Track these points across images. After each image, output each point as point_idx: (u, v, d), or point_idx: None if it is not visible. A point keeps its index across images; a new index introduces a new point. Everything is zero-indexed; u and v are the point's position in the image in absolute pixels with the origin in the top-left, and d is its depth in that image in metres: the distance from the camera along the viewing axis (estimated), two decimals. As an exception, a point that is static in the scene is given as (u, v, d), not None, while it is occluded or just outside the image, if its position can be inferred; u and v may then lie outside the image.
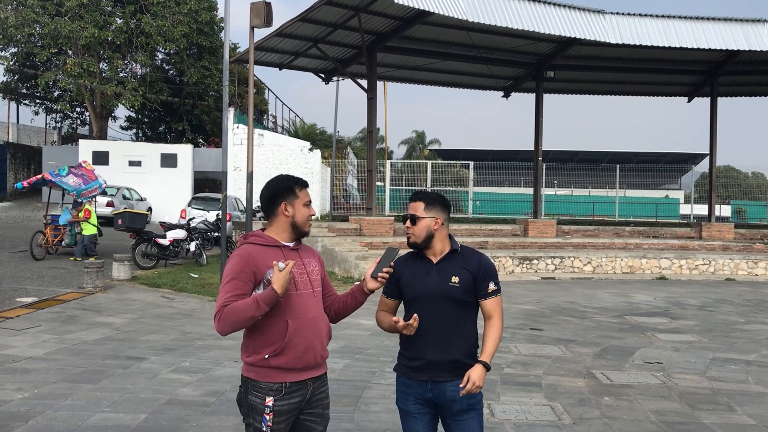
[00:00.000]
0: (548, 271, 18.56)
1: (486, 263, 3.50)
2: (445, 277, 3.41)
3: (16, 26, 28.79)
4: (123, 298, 11.97)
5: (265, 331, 3.16)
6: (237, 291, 3.10)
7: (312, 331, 3.21)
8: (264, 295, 3.04)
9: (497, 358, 8.32)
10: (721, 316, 12.51)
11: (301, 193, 3.28)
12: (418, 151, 53.57)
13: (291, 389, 3.17)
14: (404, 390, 3.48)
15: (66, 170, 17.09)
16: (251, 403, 3.18)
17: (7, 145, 32.86)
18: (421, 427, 3.44)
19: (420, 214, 3.46)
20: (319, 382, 3.32)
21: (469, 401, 3.38)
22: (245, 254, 3.18)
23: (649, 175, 55.19)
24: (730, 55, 20.65)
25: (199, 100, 34.71)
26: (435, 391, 3.39)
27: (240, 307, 3.04)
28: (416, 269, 3.48)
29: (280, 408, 3.15)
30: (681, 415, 6.31)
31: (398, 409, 3.54)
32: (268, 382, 3.16)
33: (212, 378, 7.08)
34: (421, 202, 3.49)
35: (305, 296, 3.22)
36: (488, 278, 3.46)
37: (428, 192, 3.67)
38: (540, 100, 21.76)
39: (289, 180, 3.30)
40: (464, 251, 3.53)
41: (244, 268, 3.14)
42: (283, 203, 3.25)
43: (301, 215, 3.26)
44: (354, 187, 34.04)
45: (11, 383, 6.57)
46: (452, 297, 3.39)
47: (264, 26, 13.08)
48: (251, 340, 3.21)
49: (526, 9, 16.86)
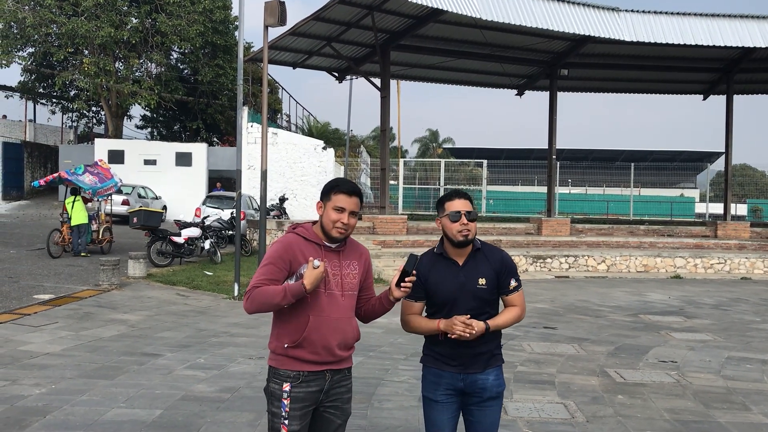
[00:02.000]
0: (562, 270, 18.49)
1: (507, 260, 3.59)
2: (472, 279, 3.49)
3: (33, 26, 29.07)
4: (138, 295, 12.08)
5: (288, 322, 3.27)
6: (270, 275, 3.22)
7: (332, 331, 3.27)
8: (293, 287, 3.14)
9: (510, 356, 8.32)
10: (737, 315, 12.42)
11: (335, 197, 3.29)
12: (432, 150, 53.55)
13: (308, 378, 3.26)
14: (435, 380, 3.54)
15: (82, 169, 17.25)
16: (271, 390, 3.30)
17: (24, 144, 33.21)
18: (446, 417, 3.53)
19: (474, 212, 3.55)
20: (340, 375, 3.36)
21: (498, 389, 3.54)
22: (287, 243, 3.29)
23: (664, 174, 54.86)
24: (746, 53, 20.47)
25: (214, 99, 34.89)
26: (467, 381, 3.50)
27: (269, 292, 3.16)
28: (442, 272, 3.52)
29: (297, 394, 3.24)
30: (695, 414, 6.28)
31: (423, 398, 3.60)
32: (287, 369, 3.26)
33: (227, 375, 7.14)
34: (469, 200, 3.56)
35: (333, 297, 3.28)
36: (510, 275, 3.55)
37: (465, 190, 3.73)
38: (554, 98, 21.66)
39: (335, 182, 3.37)
40: (485, 248, 3.59)
41: (282, 255, 3.25)
42: (320, 202, 3.36)
43: (327, 218, 3.29)
44: (367, 185, 34.08)
45: (29, 379, 6.66)
46: (480, 298, 3.48)
47: (278, 25, 13.12)
48: (276, 328, 3.34)
49: (540, 7, 16.81)
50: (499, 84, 24.04)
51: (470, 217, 3.48)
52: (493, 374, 3.53)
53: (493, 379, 3.52)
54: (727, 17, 18.33)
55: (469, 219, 3.48)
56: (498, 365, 3.57)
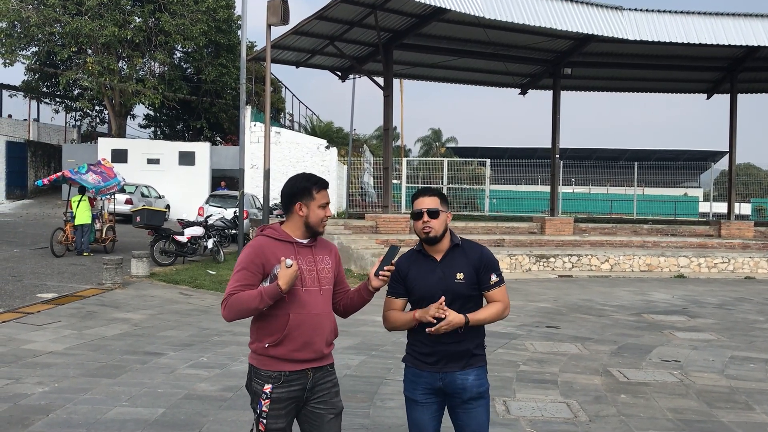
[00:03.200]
0: (565, 269, 18.47)
1: (487, 255, 3.56)
2: (449, 274, 3.47)
3: (37, 25, 29.12)
4: (141, 294, 12.09)
5: (268, 321, 3.26)
6: (245, 281, 3.21)
7: (313, 327, 3.27)
8: (268, 289, 3.13)
9: (512, 356, 8.32)
10: (740, 314, 12.39)
11: (318, 194, 3.32)
12: (435, 149, 53.54)
13: (290, 378, 3.25)
14: (413, 380, 3.53)
15: (85, 168, 17.28)
16: (254, 389, 3.30)
17: (27, 143, 33.26)
18: (427, 417, 3.50)
19: (440, 208, 3.51)
20: (322, 372, 3.36)
21: (479, 389, 3.47)
22: (257, 246, 3.27)
23: (668, 173, 54.62)
24: (751, 51, 20.40)
25: (217, 98, 34.92)
26: (445, 380, 3.45)
27: (245, 297, 3.15)
28: (421, 268, 3.53)
29: (279, 395, 3.24)
30: (698, 414, 6.27)
31: (405, 398, 3.58)
32: (268, 370, 3.26)
33: (229, 373, 7.14)
34: (436, 197, 3.54)
35: (311, 293, 3.28)
36: (490, 270, 3.52)
37: (435, 188, 3.71)
38: (557, 97, 21.62)
39: (307, 180, 3.35)
40: (464, 245, 3.58)
41: (254, 259, 3.23)
42: (299, 203, 3.31)
43: (315, 216, 3.32)
44: (370, 184, 34.03)
45: (32, 377, 6.67)
46: (458, 293, 3.44)
47: (281, 24, 13.15)
48: (256, 328, 3.33)
49: (543, 6, 16.78)
50: (502, 83, 24.02)
51: (433, 215, 3.47)
52: (474, 374, 3.47)
53: (474, 379, 3.46)
54: (731, 16, 18.28)
55: (431, 216, 3.47)
56: (479, 365, 3.50)
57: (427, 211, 3.48)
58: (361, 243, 17.25)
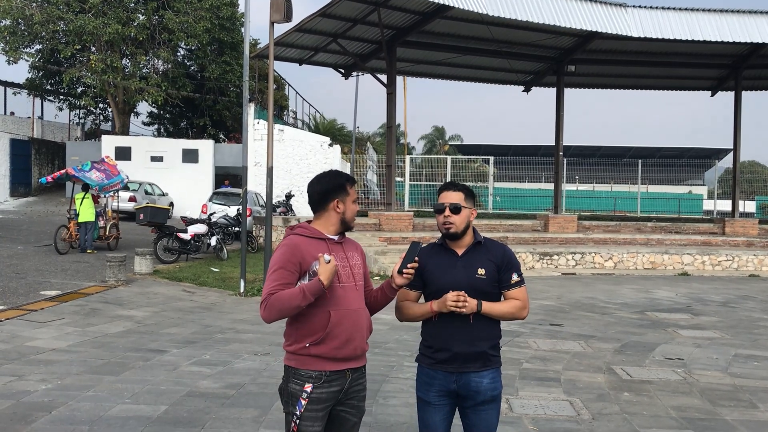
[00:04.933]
0: (569, 267, 18.44)
1: (510, 255, 3.51)
2: (470, 269, 3.41)
3: (41, 23, 29.12)
4: (145, 291, 12.11)
5: (307, 321, 3.22)
6: (283, 280, 3.17)
7: (353, 323, 3.26)
8: (310, 285, 3.11)
9: (516, 353, 8.31)
10: (744, 312, 12.35)
11: (351, 190, 3.36)
12: (438, 147, 53.53)
13: (330, 378, 3.23)
14: (427, 381, 3.48)
15: (89, 165, 17.30)
16: (291, 391, 3.24)
17: (31, 140, 33.31)
18: (439, 418, 3.45)
19: (463, 204, 3.45)
20: (358, 373, 3.35)
21: (492, 393, 3.42)
22: (292, 245, 3.25)
23: (672, 171, 54.53)
24: (755, 48, 20.33)
25: (221, 95, 34.91)
26: (460, 382, 3.40)
27: (286, 296, 3.11)
28: (441, 261, 3.47)
29: (319, 395, 3.20)
30: (702, 412, 6.25)
31: (417, 398, 3.54)
32: (308, 369, 3.21)
33: (232, 371, 7.14)
34: (460, 192, 3.48)
35: (348, 289, 3.28)
36: (511, 269, 3.46)
37: (461, 183, 3.66)
38: (561, 94, 21.58)
39: (341, 177, 3.37)
40: (488, 243, 3.54)
41: (290, 258, 3.21)
42: (336, 200, 3.32)
43: (350, 212, 3.36)
44: (373, 182, 34.03)
45: (35, 374, 6.68)
46: (478, 289, 3.38)
47: (284, 21, 13.10)
48: (294, 329, 3.28)
49: (546, 2, 16.74)
50: (505, 80, 23.97)
51: (455, 210, 3.42)
52: (489, 377, 3.42)
53: (488, 382, 3.41)
54: (735, 13, 18.21)
55: (453, 212, 3.42)
56: (494, 368, 3.46)
57: (450, 206, 3.44)
58: (364, 241, 17.23)
